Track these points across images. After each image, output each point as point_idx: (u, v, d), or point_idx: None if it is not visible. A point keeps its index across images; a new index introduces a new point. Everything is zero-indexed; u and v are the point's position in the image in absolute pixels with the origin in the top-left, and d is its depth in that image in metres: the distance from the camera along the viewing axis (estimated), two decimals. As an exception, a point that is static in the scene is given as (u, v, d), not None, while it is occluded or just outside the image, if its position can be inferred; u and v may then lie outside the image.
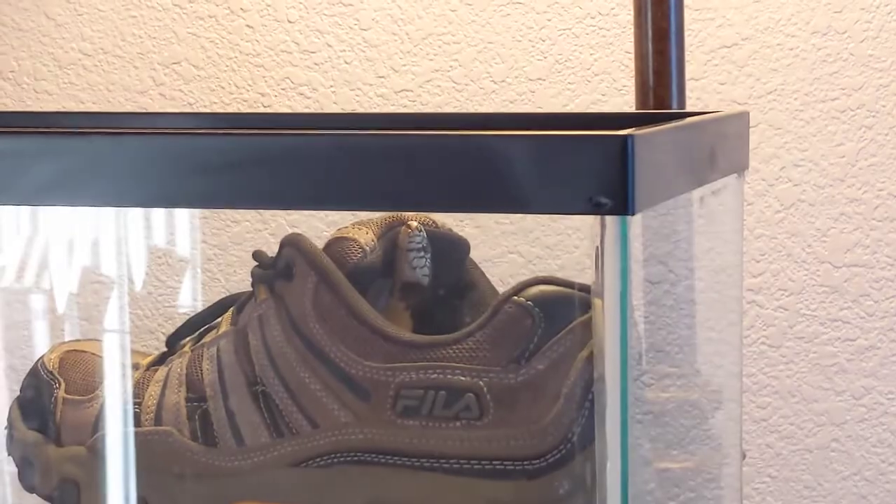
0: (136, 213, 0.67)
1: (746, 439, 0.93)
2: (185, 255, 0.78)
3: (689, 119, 0.55)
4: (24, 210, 0.67)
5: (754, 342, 0.93)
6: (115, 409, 0.62)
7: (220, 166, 0.50)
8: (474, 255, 0.64)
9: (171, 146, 0.50)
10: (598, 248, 0.46)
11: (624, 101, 0.92)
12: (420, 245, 0.57)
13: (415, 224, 0.57)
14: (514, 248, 0.92)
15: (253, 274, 0.60)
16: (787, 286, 0.93)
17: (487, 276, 0.62)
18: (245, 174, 0.50)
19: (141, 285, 0.75)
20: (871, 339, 0.93)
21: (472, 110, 0.93)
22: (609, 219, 0.47)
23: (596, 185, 0.46)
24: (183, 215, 0.71)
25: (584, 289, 0.52)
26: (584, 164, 0.46)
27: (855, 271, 0.92)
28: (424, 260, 0.57)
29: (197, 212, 0.72)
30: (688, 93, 0.92)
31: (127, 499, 0.60)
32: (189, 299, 0.79)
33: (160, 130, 0.52)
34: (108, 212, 0.67)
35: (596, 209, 0.46)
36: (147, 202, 0.52)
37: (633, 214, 0.46)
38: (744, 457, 0.75)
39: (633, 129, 0.46)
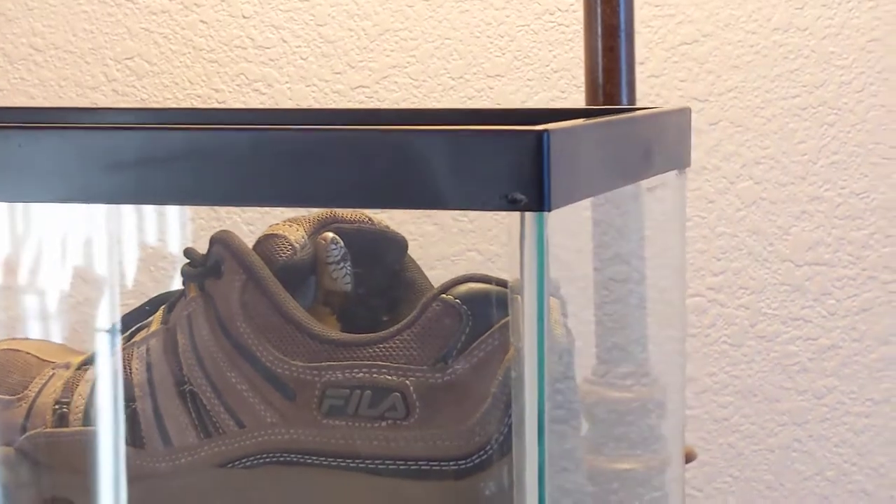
0: (89, 210, 0.66)
1: (707, 438, 0.93)
2: (137, 252, 0.77)
3: (617, 115, 0.54)
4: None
5: (715, 341, 0.93)
6: (44, 409, 0.61)
7: (139, 161, 0.49)
8: (430, 252, 0.63)
9: (89, 141, 0.50)
10: (506, 245, 0.46)
11: (583, 97, 0.91)
12: (338, 257, 0.57)
13: (330, 236, 0.57)
14: (472, 247, 0.91)
15: (183, 272, 0.59)
16: (748, 284, 0.92)
17: (446, 274, 0.62)
18: (164, 170, 0.49)
19: (94, 284, 0.74)
20: (833, 338, 0.92)
21: (429, 107, 0.93)
22: (528, 215, 0.46)
23: (511, 181, 0.45)
24: (136, 213, 0.70)
25: (504, 284, 0.52)
26: (500, 159, 0.45)
27: (816, 270, 0.92)
28: (344, 269, 0.57)
29: (150, 209, 0.71)
30: (647, 90, 0.91)
31: (55, 501, 0.60)
32: (142, 297, 0.79)
33: (77, 126, 0.52)
34: (60, 209, 0.66)
35: (511, 206, 0.45)
36: (65, 198, 0.51)
37: (549, 211, 0.45)
38: (693, 458, 0.75)
39: (551, 124, 0.46)
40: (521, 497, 0.46)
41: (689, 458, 0.72)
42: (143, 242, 0.74)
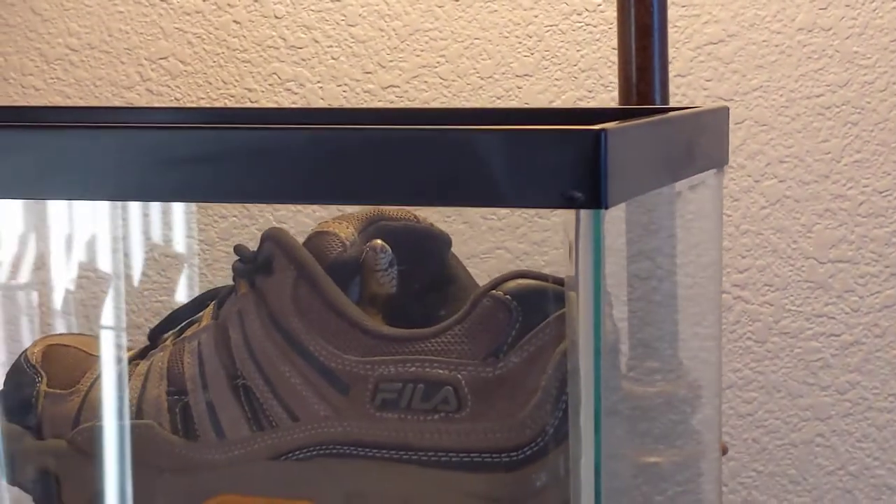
0: (124, 208, 0.67)
1: (732, 434, 0.94)
2: (172, 250, 0.78)
3: (664, 114, 0.55)
4: (13, 204, 0.67)
5: (740, 337, 0.94)
6: (96, 403, 0.62)
7: (195, 160, 0.50)
8: (461, 250, 0.64)
9: (144, 140, 0.51)
10: (570, 242, 0.47)
11: (610, 97, 0.92)
12: (386, 264, 0.58)
13: (379, 244, 0.58)
14: (501, 244, 0.92)
15: (234, 268, 0.60)
16: (772, 282, 0.93)
17: (475, 271, 0.63)
18: (219, 168, 0.50)
19: (129, 281, 0.75)
20: (856, 335, 0.93)
21: (458, 106, 0.94)
22: (583, 213, 0.47)
23: (569, 180, 0.46)
24: (170, 211, 0.71)
25: (560, 282, 0.53)
26: (558, 158, 0.46)
27: (840, 267, 0.93)
28: (391, 275, 0.58)
29: (184, 207, 0.72)
30: (674, 89, 0.92)
31: (106, 492, 0.61)
32: (176, 295, 0.80)
33: (133, 125, 0.53)
34: (96, 207, 0.67)
35: (569, 203, 0.46)
36: (120, 196, 0.52)
37: (606, 208, 0.46)
38: (725, 451, 0.76)
39: (607, 123, 0.47)
40: (577, 489, 0.47)
41: (721, 451, 0.73)
42: (175, 240, 0.75)
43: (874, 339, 0.93)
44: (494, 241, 0.92)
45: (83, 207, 0.68)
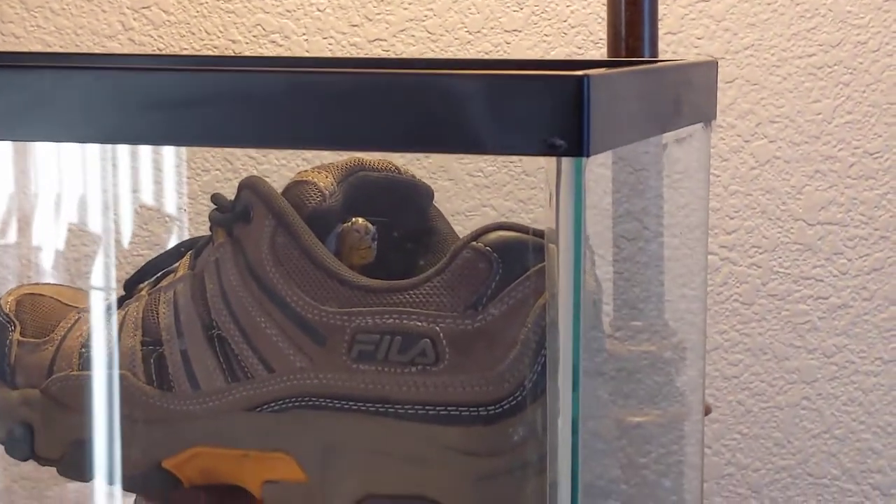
0: (107, 160, 0.66)
1: (717, 396, 0.93)
2: (153, 203, 0.77)
3: (651, 64, 0.54)
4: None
5: (727, 299, 0.93)
6: (70, 352, 0.61)
7: (173, 103, 0.49)
8: (445, 207, 0.63)
9: (124, 82, 0.50)
10: (550, 192, 0.46)
11: (600, 53, 0.91)
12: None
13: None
14: (486, 202, 0.92)
15: (211, 217, 0.59)
16: (760, 243, 0.92)
17: (459, 229, 0.62)
18: (199, 111, 0.49)
19: (110, 233, 0.74)
20: (844, 298, 0.92)
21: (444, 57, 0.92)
22: (564, 161, 0.46)
23: (551, 126, 0.45)
24: (152, 163, 0.70)
25: (540, 234, 0.52)
26: (540, 104, 0.45)
27: (829, 229, 0.92)
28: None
29: (166, 160, 0.71)
30: (664, 47, 0.91)
31: (81, 443, 0.60)
32: (157, 248, 0.79)
33: (112, 66, 0.52)
34: (78, 160, 0.66)
35: (550, 150, 0.45)
36: (98, 138, 0.51)
37: (588, 156, 0.45)
38: (708, 412, 0.75)
39: (591, 70, 0.46)
40: (554, 444, 0.47)
41: (704, 412, 0.72)
42: (156, 193, 0.74)
43: (862, 302, 0.92)
44: (479, 199, 0.92)
45: (66, 160, 0.67)
